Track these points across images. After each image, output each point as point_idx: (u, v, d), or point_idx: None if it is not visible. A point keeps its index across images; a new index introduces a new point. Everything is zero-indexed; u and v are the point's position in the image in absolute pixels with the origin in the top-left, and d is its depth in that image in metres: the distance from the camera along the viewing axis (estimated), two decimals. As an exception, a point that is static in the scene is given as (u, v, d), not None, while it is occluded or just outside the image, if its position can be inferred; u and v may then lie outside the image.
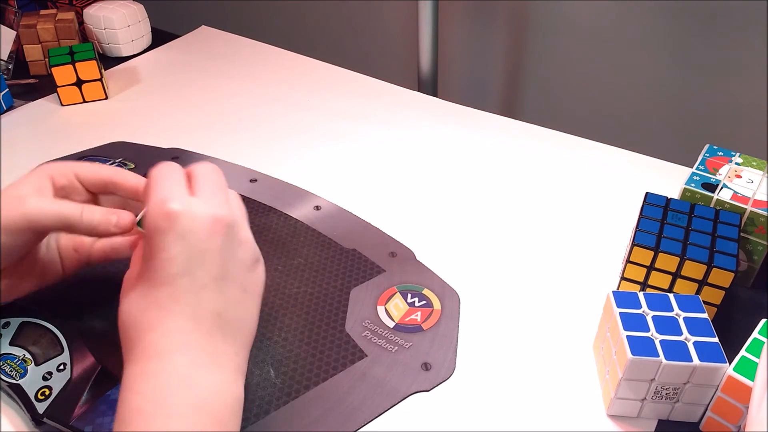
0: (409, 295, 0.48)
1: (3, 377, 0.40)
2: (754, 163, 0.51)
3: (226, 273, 0.36)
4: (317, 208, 0.56)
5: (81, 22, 0.82)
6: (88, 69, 0.71)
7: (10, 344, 0.42)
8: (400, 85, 0.75)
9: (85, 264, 0.45)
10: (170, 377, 0.32)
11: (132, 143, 0.65)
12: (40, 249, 0.43)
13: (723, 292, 0.43)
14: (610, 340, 0.40)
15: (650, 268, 0.45)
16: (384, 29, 1.06)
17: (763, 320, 0.40)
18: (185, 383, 0.32)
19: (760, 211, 0.46)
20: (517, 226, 0.55)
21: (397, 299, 0.47)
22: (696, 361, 0.37)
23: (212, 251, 0.35)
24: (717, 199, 0.48)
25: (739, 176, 0.49)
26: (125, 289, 0.36)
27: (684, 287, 0.44)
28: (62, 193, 0.41)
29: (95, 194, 0.43)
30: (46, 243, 0.43)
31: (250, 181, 0.59)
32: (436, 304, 0.47)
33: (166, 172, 0.37)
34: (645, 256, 0.44)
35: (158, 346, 0.33)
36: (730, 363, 0.37)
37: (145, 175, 0.39)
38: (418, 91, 0.78)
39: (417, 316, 0.46)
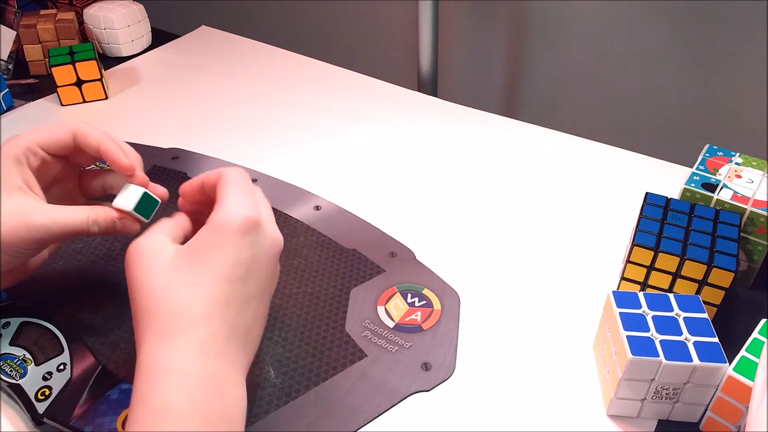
0: (409, 295, 0.48)
1: (3, 377, 0.40)
2: (754, 163, 0.51)
3: (266, 293, 0.37)
4: (317, 208, 0.56)
5: (81, 22, 0.82)
6: (88, 69, 0.71)
7: (10, 344, 0.42)
8: (400, 85, 0.75)
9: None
10: (209, 382, 0.32)
11: (132, 143, 0.65)
12: None
13: (723, 292, 0.43)
14: (610, 340, 0.40)
15: (650, 268, 0.45)
16: (384, 29, 1.06)
17: (763, 320, 0.40)
18: (220, 391, 0.33)
19: (760, 211, 0.46)
20: (517, 226, 0.55)
21: (397, 299, 0.47)
22: (696, 361, 0.37)
23: (267, 270, 0.37)
24: (717, 199, 0.48)
25: (739, 176, 0.49)
26: (162, 264, 0.35)
27: (684, 287, 0.44)
28: (38, 172, 0.41)
29: (67, 156, 0.43)
30: None
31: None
32: (436, 304, 0.47)
33: (246, 179, 0.38)
34: (645, 256, 0.44)
35: (204, 347, 0.33)
36: (730, 363, 0.37)
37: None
38: (418, 91, 0.78)
39: (417, 316, 0.46)
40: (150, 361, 0.33)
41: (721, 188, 0.48)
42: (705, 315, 0.40)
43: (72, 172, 0.44)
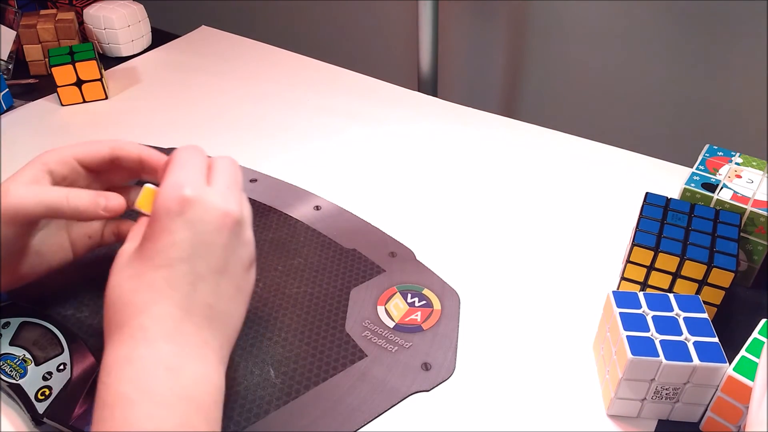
0: (409, 295, 0.48)
1: (3, 377, 0.40)
2: (754, 163, 0.51)
3: (225, 268, 0.36)
4: (317, 208, 0.56)
5: (81, 22, 0.82)
6: (88, 69, 0.71)
7: (10, 344, 0.42)
8: (400, 85, 0.75)
9: (98, 246, 0.45)
10: (157, 365, 0.32)
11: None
12: (47, 234, 0.42)
13: (723, 292, 0.43)
14: (610, 340, 0.40)
15: (650, 268, 0.45)
16: (384, 29, 1.06)
17: (763, 320, 0.40)
18: (172, 372, 0.32)
19: (760, 211, 0.46)
20: (517, 226, 0.55)
21: (397, 299, 0.47)
22: (696, 361, 0.37)
23: (216, 244, 0.35)
24: (717, 199, 0.48)
25: (739, 176, 0.49)
26: (118, 265, 0.36)
27: (684, 287, 0.44)
28: (65, 182, 0.41)
29: (101, 173, 0.43)
30: (54, 229, 0.43)
31: (250, 181, 0.59)
32: (436, 304, 0.47)
33: (188, 156, 0.37)
34: (645, 256, 0.44)
35: (147, 331, 0.33)
36: (730, 363, 0.37)
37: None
38: (418, 91, 0.78)
39: (417, 316, 0.46)
40: (104, 360, 0.33)
41: (721, 188, 0.48)
42: (705, 315, 0.40)
43: (100, 188, 0.44)
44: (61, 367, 0.41)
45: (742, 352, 0.37)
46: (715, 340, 0.38)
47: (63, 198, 0.39)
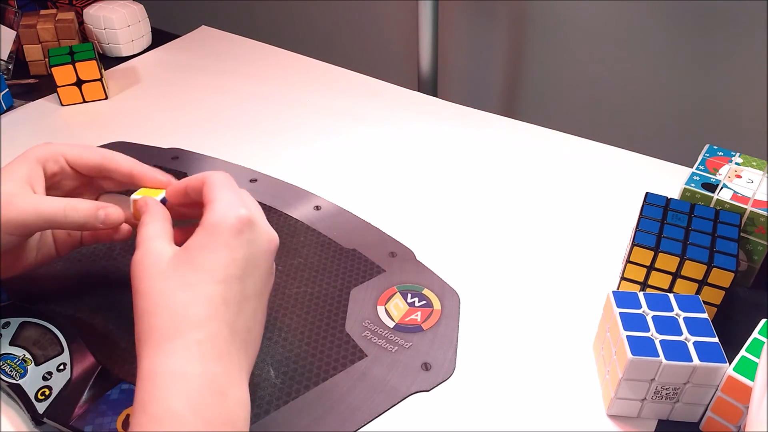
0: (409, 295, 0.48)
1: (3, 377, 0.40)
2: (754, 163, 0.51)
3: (263, 292, 0.36)
4: (317, 208, 0.56)
5: (81, 22, 0.82)
6: (88, 69, 0.71)
7: (10, 344, 0.42)
8: (400, 85, 0.75)
9: (78, 245, 0.45)
10: (210, 386, 0.32)
11: (132, 143, 0.65)
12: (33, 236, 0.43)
13: (723, 292, 0.43)
14: (610, 340, 0.40)
15: (650, 268, 0.45)
16: (384, 29, 1.06)
17: (763, 320, 0.40)
18: (222, 396, 0.32)
19: (760, 211, 0.46)
20: (517, 226, 0.55)
21: (397, 299, 0.47)
22: (696, 361, 0.37)
23: (262, 268, 0.36)
24: (717, 199, 0.48)
25: (739, 176, 0.49)
26: (158, 268, 0.35)
27: (684, 287, 0.44)
28: (54, 179, 0.41)
29: (88, 177, 0.43)
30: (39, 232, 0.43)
31: (250, 181, 0.59)
32: (436, 304, 0.47)
33: (230, 181, 0.38)
34: (645, 256, 0.44)
35: (203, 349, 0.32)
36: (730, 363, 0.37)
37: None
38: (418, 91, 0.78)
39: (417, 316, 0.46)
40: (149, 367, 0.32)
41: (721, 188, 0.48)
42: (705, 315, 0.40)
43: (89, 193, 0.44)
44: (61, 367, 0.41)
45: (742, 352, 0.37)
46: (715, 340, 0.38)
47: (60, 210, 0.39)
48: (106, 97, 0.73)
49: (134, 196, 0.41)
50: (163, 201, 0.41)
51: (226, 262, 0.34)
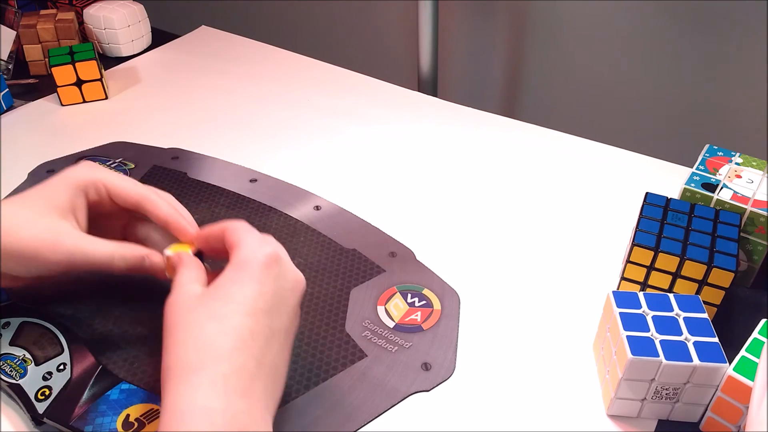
0: (409, 295, 0.48)
1: (3, 377, 0.40)
2: (754, 163, 0.51)
3: (289, 330, 0.37)
4: (317, 208, 0.56)
5: (81, 22, 0.82)
6: (88, 69, 0.71)
7: (10, 344, 0.42)
8: (400, 85, 0.75)
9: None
10: (234, 423, 0.31)
11: (132, 143, 0.65)
12: None
13: (723, 292, 0.43)
14: (610, 340, 0.40)
15: (650, 268, 0.45)
16: (384, 29, 1.06)
17: (763, 320, 0.40)
18: (248, 429, 0.32)
19: (760, 211, 0.46)
20: (517, 226, 0.55)
21: (397, 299, 0.47)
22: (696, 361, 0.37)
23: (289, 305, 0.37)
24: (717, 199, 0.48)
25: (739, 176, 0.49)
26: (187, 305, 0.35)
27: (684, 287, 0.44)
28: (93, 209, 0.42)
29: (122, 209, 0.43)
30: None
31: (250, 181, 0.59)
32: (436, 304, 0.47)
33: (250, 226, 0.39)
34: (645, 256, 0.44)
35: (228, 383, 0.32)
36: (730, 363, 0.37)
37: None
38: (418, 91, 0.78)
39: (417, 316, 0.46)
40: (174, 401, 0.31)
41: (721, 188, 0.48)
42: (705, 315, 0.40)
43: (123, 214, 0.44)
44: (61, 367, 0.41)
45: (742, 352, 0.37)
46: (715, 340, 0.38)
47: (108, 258, 0.40)
48: (106, 97, 0.73)
49: (167, 252, 0.41)
50: (198, 254, 0.41)
51: (254, 296, 0.34)
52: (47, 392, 0.39)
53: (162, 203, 0.42)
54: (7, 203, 0.40)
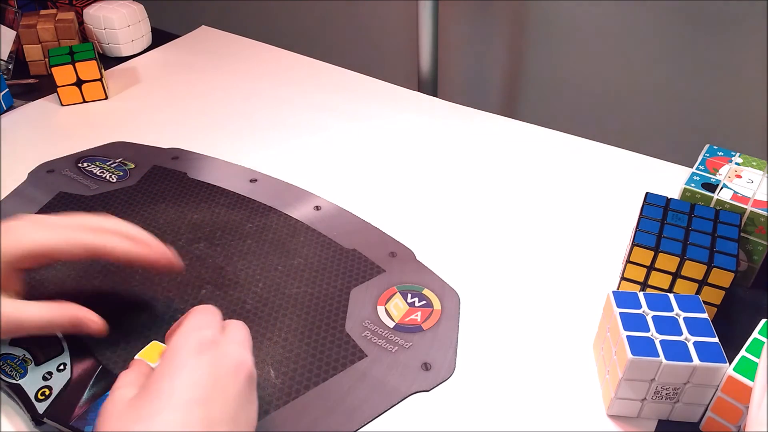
0: (409, 295, 0.48)
1: (3, 377, 0.40)
2: (754, 163, 0.51)
3: (237, 420, 0.33)
4: (317, 208, 0.56)
5: (81, 22, 0.82)
6: (88, 69, 0.71)
7: (10, 344, 0.42)
8: (400, 85, 0.75)
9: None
10: None
11: (132, 143, 0.65)
12: None
13: (723, 292, 0.43)
14: (610, 340, 0.40)
15: (650, 268, 0.45)
16: (384, 29, 1.06)
17: (763, 320, 0.40)
18: None
19: (760, 211, 0.46)
20: (517, 226, 0.55)
21: (397, 299, 0.47)
22: (696, 361, 0.37)
23: (231, 392, 0.33)
24: (717, 199, 0.48)
25: (739, 176, 0.49)
26: (116, 413, 0.32)
27: (684, 287, 0.44)
28: (43, 263, 0.41)
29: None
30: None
31: (250, 181, 0.59)
32: (436, 304, 0.47)
33: (205, 310, 0.37)
34: (645, 256, 0.44)
35: None
36: (730, 363, 0.37)
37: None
38: (418, 91, 0.78)
39: (417, 316, 0.46)
40: None
41: (721, 188, 0.48)
42: (705, 315, 0.40)
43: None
44: (61, 367, 0.41)
45: (742, 352, 0.37)
46: (715, 340, 0.38)
47: (47, 323, 0.40)
48: (106, 97, 0.73)
49: (138, 357, 0.38)
50: None
51: (184, 386, 0.32)
52: (47, 392, 0.39)
53: (119, 245, 0.41)
54: None
